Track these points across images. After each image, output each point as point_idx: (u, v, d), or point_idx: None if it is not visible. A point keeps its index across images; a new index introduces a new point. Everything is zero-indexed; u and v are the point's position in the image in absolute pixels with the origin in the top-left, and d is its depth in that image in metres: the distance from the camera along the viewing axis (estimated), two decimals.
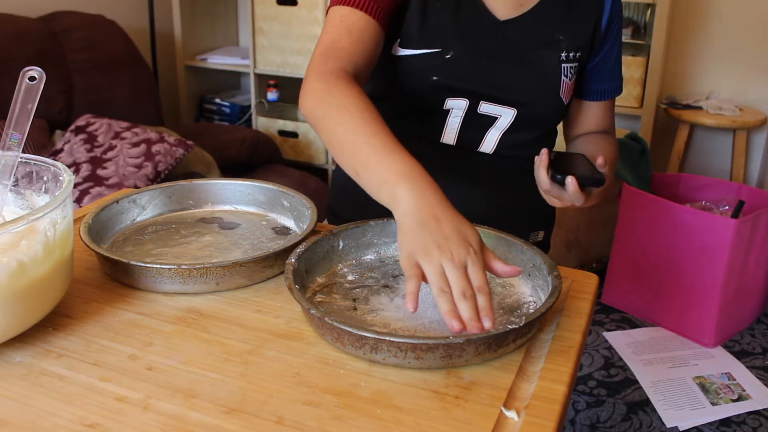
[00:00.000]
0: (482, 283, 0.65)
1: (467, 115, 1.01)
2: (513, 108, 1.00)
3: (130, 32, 2.66)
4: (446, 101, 1.00)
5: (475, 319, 0.63)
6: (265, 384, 0.59)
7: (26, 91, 0.68)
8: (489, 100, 1.00)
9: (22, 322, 0.63)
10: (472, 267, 0.66)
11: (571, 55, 1.01)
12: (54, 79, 2.30)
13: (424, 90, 0.99)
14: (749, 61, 2.79)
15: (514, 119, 1.01)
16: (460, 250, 0.66)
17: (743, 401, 1.97)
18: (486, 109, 1.00)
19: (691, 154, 2.99)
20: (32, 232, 0.63)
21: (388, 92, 1.03)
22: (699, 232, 2.16)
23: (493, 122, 1.01)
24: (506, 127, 1.02)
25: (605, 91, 1.09)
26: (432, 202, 0.70)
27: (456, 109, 1.00)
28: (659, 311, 2.34)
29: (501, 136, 1.02)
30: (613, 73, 1.08)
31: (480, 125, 1.02)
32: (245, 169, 2.58)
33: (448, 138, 1.02)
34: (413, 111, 1.02)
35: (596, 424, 1.87)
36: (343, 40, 0.89)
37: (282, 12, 2.91)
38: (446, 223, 0.68)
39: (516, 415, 0.56)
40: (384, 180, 0.72)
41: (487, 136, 1.02)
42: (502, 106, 1.00)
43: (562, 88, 1.00)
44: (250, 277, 0.75)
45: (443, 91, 0.99)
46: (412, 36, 0.97)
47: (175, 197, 0.94)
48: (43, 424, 0.54)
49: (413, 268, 0.67)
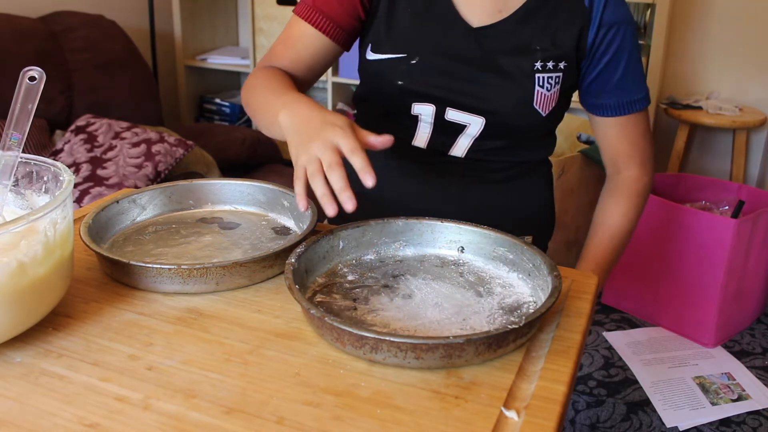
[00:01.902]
0: (351, 148, 0.73)
1: (436, 121, 1.01)
2: (481, 116, 0.99)
3: (130, 32, 2.66)
4: (413, 106, 1.01)
5: (345, 188, 0.70)
6: (265, 384, 0.59)
7: (26, 91, 0.68)
8: (455, 107, 0.99)
9: (22, 322, 0.63)
10: (342, 140, 0.74)
11: (550, 65, 0.97)
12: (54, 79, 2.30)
13: (392, 94, 1.01)
14: (749, 61, 2.79)
15: (484, 127, 1.00)
16: (328, 134, 0.74)
17: (743, 401, 1.97)
18: (453, 116, 1.00)
19: (691, 154, 2.99)
20: (32, 232, 0.63)
21: (367, 94, 1.08)
22: (699, 232, 2.16)
23: (462, 129, 1.01)
24: (476, 135, 1.01)
25: (613, 106, 1.03)
26: (303, 112, 0.81)
27: (424, 115, 1.01)
28: (659, 311, 2.34)
29: (472, 142, 1.02)
30: (622, 88, 1.02)
31: (450, 132, 1.02)
32: (245, 169, 2.58)
33: (419, 141, 1.04)
34: (385, 114, 1.05)
35: (596, 424, 1.87)
36: (278, 46, 1.04)
37: (282, 12, 2.91)
38: (315, 119, 0.78)
39: (516, 415, 0.56)
40: (273, 116, 0.85)
41: (457, 142, 1.02)
42: (469, 114, 0.99)
43: (536, 98, 0.97)
44: (250, 277, 0.75)
45: (409, 96, 1.00)
46: (380, 41, 1.01)
47: (175, 197, 0.94)
48: (43, 424, 0.54)
49: (299, 170, 0.75)
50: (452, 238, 0.83)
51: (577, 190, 2.52)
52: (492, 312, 0.71)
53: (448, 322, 0.69)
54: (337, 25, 1.01)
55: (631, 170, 1.09)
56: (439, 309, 0.71)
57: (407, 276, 0.78)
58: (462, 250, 0.83)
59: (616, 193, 1.10)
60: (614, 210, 1.10)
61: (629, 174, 1.09)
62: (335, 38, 1.02)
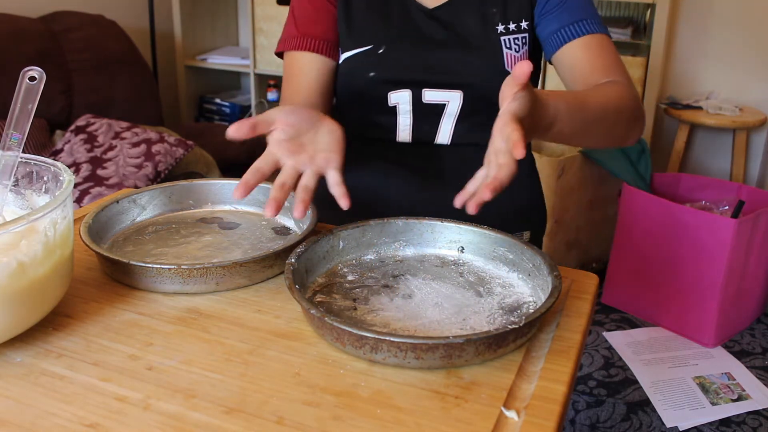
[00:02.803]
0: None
1: (414, 107, 1.01)
2: (458, 90, 1.00)
3: (130, 32, 2.66)
4: (389, 96, 1.01)
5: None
6: (265, 384, 0.59)
7: (26, 91, 0.68)
8: (431, 87, 1.00)
9: (22, 322, 0.63)
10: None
11: (512, 26, 0.99)
12: (54, 79, 2.30)
13: (366, 88, 1.02)
14: (749, 61, 2.79)
15: (463, 102, 1.00)
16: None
17: (743, 401, 1.97)
18: (431, 96, 1.01)
19: (691, 154, 2.99)
20: (32, 232, 0.63)
21: (344, 100, 1.07)
22: (699, 232, 2.16)
23: (442, 110, 1.01)
24: (457, 113, 1.01)
25: (567, 23, 0.98)
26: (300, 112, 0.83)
27: (402, 103, 1.01)
28: (659, 311, 2.34)
29: (455, 123, 1.02)
30: (573, 10, 0.98)
31: (430, 116, 1.02)
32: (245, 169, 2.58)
33: (403, 136, 1.04)
34: (365, 113, 1.05)
35: (596, 424, 1.87)
36: (285, 90, 1.06)
37: (282, 12, 2.91)
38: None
39: (516, 415, 0.56)
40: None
41: (441, 126, 1.03)
42: (445, 90, 1.00)
43: (506, 61, 0.99)
44: (250, 277, 0.75)
45: (383, 86, 1.01)
46: (345, 40, 1.03)
47: (175, 197, 0.94)
48: (43, 424, 0.54)
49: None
50: (452, 238, 0.83)
51: (577, 190, 2.53)
52: (492, 312, 0.71)
53: (448, 322, 0.69)
54: (325, 40, 1.03)
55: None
56: (439, 309, 0.71)
57: (407, 276, 0.78)
58: (462, 250, 0.83)
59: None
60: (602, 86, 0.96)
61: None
62: (330, 54, 1.03)
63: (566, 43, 0.99)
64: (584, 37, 0.99)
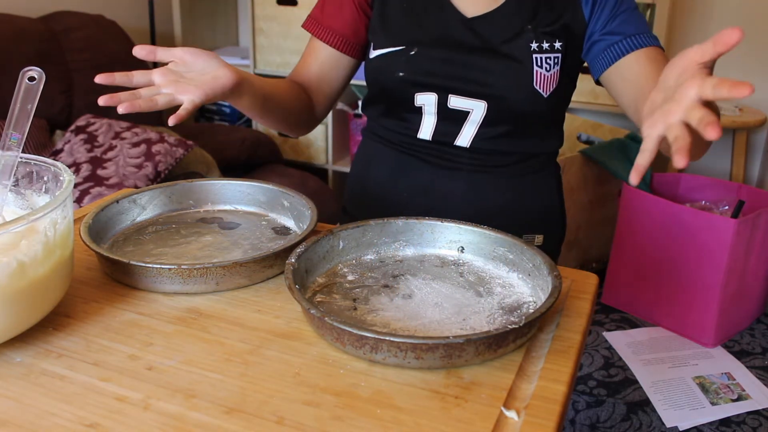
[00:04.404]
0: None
1: (440, 110, 1.03)
2: (483, 101, 1.00)
3: (130, 32, 2.66)
4: (416, 96, 1.03)
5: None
6: (265, 384, 0.59)
7: (26, 91, 0.68)
8: (457, 94, 1.01)
9: (22, 322, 0.63)
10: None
11: (546, 45, 0.99)
12: (54, 79, 2.30)
13: (394, 86, 1.04)
14: (749, 61, 2.79)
15: (486, 112, 1.01)
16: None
17: (743, 401, 1.97)
18: (456, 102, 1.02)
19: None
20: (32, 232, 0.63)
21: (373, 94, 1.10)
22: (699, 232, 2.16)
23: (466, 116, 1.02)
24: (480, 121, 1.02)
25: (629, 35, 0.96)
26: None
27: (428, 105, 1.03)
28: (659, 311, 2.34)
29: (477, 130, 1.03)
30: (630, 22, 0.97)
31: (454, 120, 1.03)
32: (245, 169, 2.58)
33: (424, 133, 1.05)
34: (391, 109, 1.08)
35: (596, 424, 1.87)
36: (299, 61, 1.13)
37: (282, 12, 2.91)
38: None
39: (516, 415, 0.56)
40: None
41: (462, 130, 1.04)
42: (471, 99, 1.01)
43: (536, 78, 0.99)
44: (250, 277, 0.75)
45: (411, 87, 1.03)
46: (379, 38, 1.05)
47: (175, 197, 0.94)
48: (43, 424, 0.54)
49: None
50: (452, 238, 0.83)
51: (577, 190, 2.53)
52: (492, 312, 0.71)
53: (448, 322, 0.69)
54: (342, 36, 1.07)
55: None
56: (439, 309, 0.71)
57: (407, 276, 0.78)
58: (462, 250, 0.83)
59: None
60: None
61: None
62: (343, 49, 1.08)
63: (628, 54, 0.96)
64: (648, 48, 0.96)
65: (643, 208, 2.31)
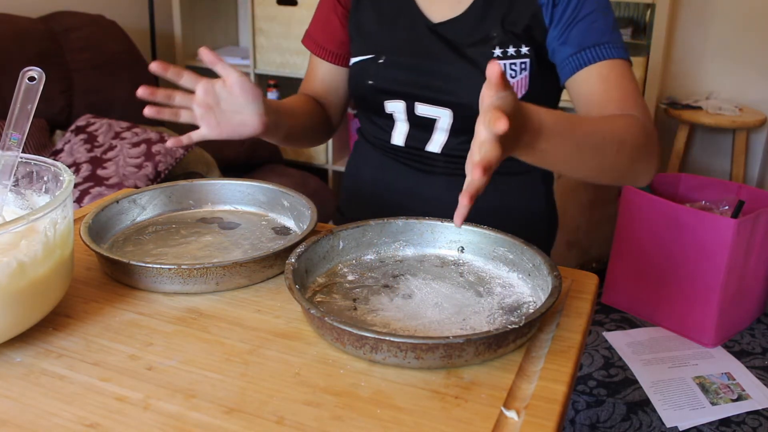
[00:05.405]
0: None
1: (409, 117, 1.04)
2: (448, 108, 1.00)
3: (130, 32, 2.66)
4: (385, 104, 1.04)
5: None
6: (265, 384, 0.59)
7: (26, 91, 0.68)
8: (423, 101, 1.01)
9: (22, 322, 0.63)
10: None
11: (512, 50, 0.97)
12: (54, 79, 2.29)
13: (366, 94, 1.06)
14: (749, 61, 2.79)
15: (453, 120, 1.01)
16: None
17: (743, 401, 1.97)
18: (423, 110, 1.02)
19: (691, 154, 2.99)
20: (32, 232, 0.63)
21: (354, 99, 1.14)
22: (699, 232, 2.16)
23: (434, 124, 1.03)
24: (449, 128, 1.02)
25: (585, 53, 0.92)
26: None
27: (397, 112, 1.04)
28: (659, 311, 2.34)
29: (447, 137, 1.03)
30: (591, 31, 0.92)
31: (424, 127, 1.04)
32: (245, 169, 2.58)
33: (397, 139, 1.07)
34: (368, 115, 1.11)
35: (596, 424, 1.87)
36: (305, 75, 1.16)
37: (282, 12, 2.90)
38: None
39: (516, 415, 0.56)
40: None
41: (433, 137, 1.04)
42: (437, 107, 1.01)
43: None
44: (250, 277, 0.75)
45: (379, 94, 1.04)
46: (354, 46, 1.07)
47: (175, 197, 0.94)
48: (43, 424, 0.54)
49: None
50: (452, 238, 0.83)
51: (577, 190, 2.53)
52: (492, 312, 0.71)
53: (448, 322, 0.69)
54: (332, 50, 1.10)
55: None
56: (439, 309, 0.71)
57: (407, 276, 0.78)
58: (462, 250, 0.83)
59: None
60: (610, 116, 0.89)
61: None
62: (337, 62, 1.11)
63: (581, 69, 0.93)
64: (602, 62, 0.92)
65: (643, 208, 2.31)
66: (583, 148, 0.79)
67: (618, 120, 0.86)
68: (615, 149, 0.82)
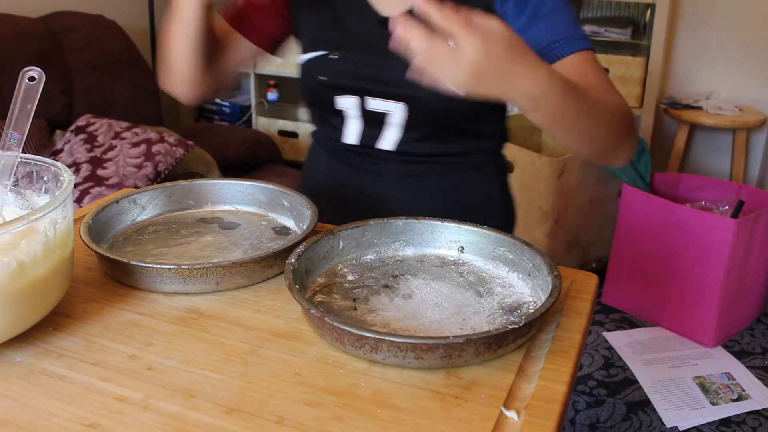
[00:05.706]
0: None
1: (361, 113, 1.04)
2: (401, 102, 1.00)
3: (130, 32, 2.66)
4: (336, 100, 1.04)
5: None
6: (265, 384, 0.59)
7: (26, 91, 0.68)
8: (375, 96, 1.01)
9: (22, 322, 0.63)
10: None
11: None
12: (54, 79, 2.30)
13: (317, 91, 1.06)
14: (749, 61, 2.79)
15: (408, 115, 1.01)
16: None
17: (743, 401, 1.97)
18: (375, 105, 1.02)
19: (691, 154, 2.99)
20: (32, 232, 0.63)
21: (305, 100, 1.12)
22: (699, 232, 2.16)
23: (386, 119, 1.03)
24: (402, 123, 1.02)
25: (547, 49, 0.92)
26: None
27: (349, 108, 1.04)
28: (659, 311, 2.34)
29: (401, 133, 1.03)
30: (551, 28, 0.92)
31: (377, 123, 1.03)
32: (245, 169, 2.58)
33: (350, 138, 1.06)
34: (319, 114, 1.10)
35: (596, 424, 1.87)
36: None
37: None
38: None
39: (516, 415, 0.56)
40: None
41: (385, 133, 1.04)
42: (389, 101, 1.01)
43: None
44: (250, 277, 0.75)
45: (331, 90, 1.04)
46: (304, 43, 1.07)
47: (175, 197, 0.94)
48: (43, 424, 0.54)
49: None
50: (452, 238, 0.83)
51: (577, 190, 2.53)
52: (492, 312, 0.71)
53: (448, 322, 0.69)
54: (260, 32, 1.08)
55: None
56: (439, 309, 0.71)
57: (407, 276, 0.78)
58: (462, 250, 0.83)
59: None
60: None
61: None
62: (258, 42, 1.09)
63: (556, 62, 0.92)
64: (568, 57, 0.92)
65: (643, 208, 2.31)
66: (583, 112, 0.81)
67: (607, 97, 0.89)
68: (607, 120, 0.86)
